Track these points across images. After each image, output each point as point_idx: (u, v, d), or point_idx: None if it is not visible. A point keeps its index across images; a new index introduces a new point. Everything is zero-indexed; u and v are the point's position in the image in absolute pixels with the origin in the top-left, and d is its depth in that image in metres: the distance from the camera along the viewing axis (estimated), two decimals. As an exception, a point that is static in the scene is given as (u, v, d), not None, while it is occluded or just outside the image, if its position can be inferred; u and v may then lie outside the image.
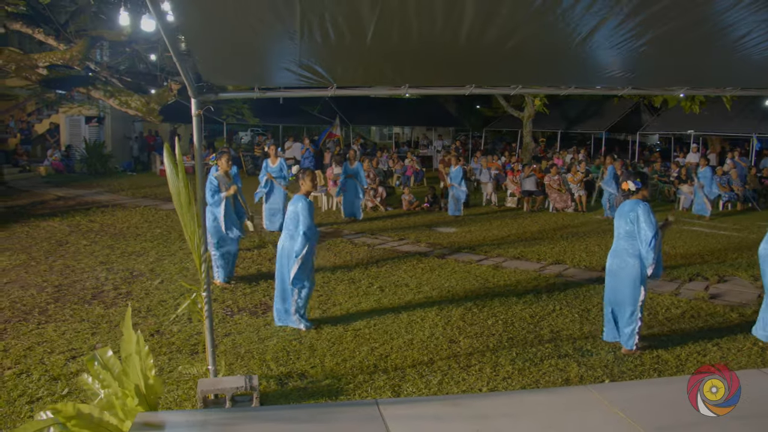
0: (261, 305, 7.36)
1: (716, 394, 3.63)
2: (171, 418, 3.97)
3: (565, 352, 6.06)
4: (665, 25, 3.61)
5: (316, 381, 5.32)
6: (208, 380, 4.73)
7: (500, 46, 3.86)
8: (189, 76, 4.15)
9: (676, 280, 8.84)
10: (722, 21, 3.58)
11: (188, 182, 4.21)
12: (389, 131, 40.41)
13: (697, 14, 3.46)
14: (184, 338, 6.23)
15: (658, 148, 32.23)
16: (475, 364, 5.76)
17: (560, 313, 7.27)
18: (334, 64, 4.17)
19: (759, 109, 23.30)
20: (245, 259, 9.59)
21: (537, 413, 4.07)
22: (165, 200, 15.78)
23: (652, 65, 4.52)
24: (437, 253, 10.45)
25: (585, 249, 10.94)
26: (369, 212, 15.10)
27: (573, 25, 3.58)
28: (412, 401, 4.64)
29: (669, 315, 7.26)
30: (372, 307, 7.40)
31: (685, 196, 16.73)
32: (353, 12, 3.32)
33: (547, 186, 16.18)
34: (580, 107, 28.14)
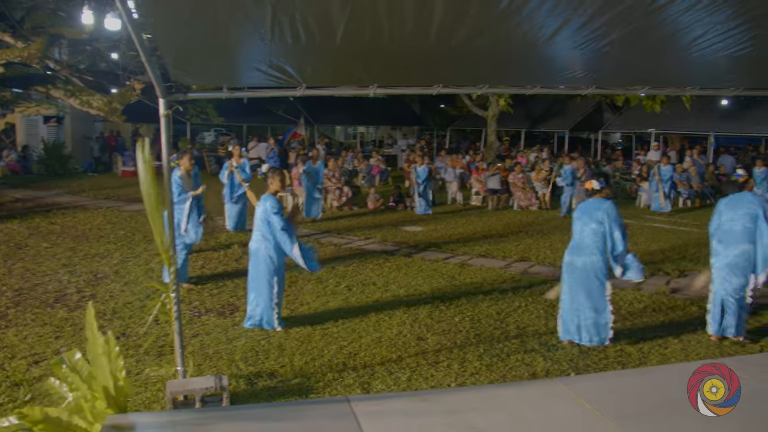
0: (228, 306, 7.32)
1: (716, 394, 3.68)
2: (141, 419, 3.94)
3: (531, 348, 6.17)
4: (627, 27, 3.72)
5: (286, 380, 5.33)
6: (177, 381, 4.70)
7: (468, 46, 3.93)
8: (157, 76, 4.12)
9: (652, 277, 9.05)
10: (680, 22, 3.71)
11: (158, 183, 4.19)
12: (354, 131, 40.43)
13: (657, 16, 3.57)
14: (151, 340, 6.16)
15: (620, 146, 32.90)
16: (443, 360, 5.83)
17: (526, 309, 7.40)
18: (303, 64, 4.19)
19: (716, 109, 24.04)
20: (211, 260, 9.52)
21: (505, 406, 4.16)
22: (128, 201, 15.55)
23: (614, 65, 4.64)
24: (404, 251, 10.52)
25: (549, 246, 11.13)
26: (335, 212, 15.11)
27: (538, 26, 3.67)
28: (383, 397, 4.70)
29: (632, 309, 7.45)
30: (340, 306, 7.42)
31: (647, 194, 17.13)
32: (323, 12, 3.34)
33: (512, 184, 16.40)
34: (543, 106, 28.55)
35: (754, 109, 23.57)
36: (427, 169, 15.12)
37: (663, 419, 4.11)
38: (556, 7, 3.36)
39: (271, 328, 6.48)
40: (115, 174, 22.49)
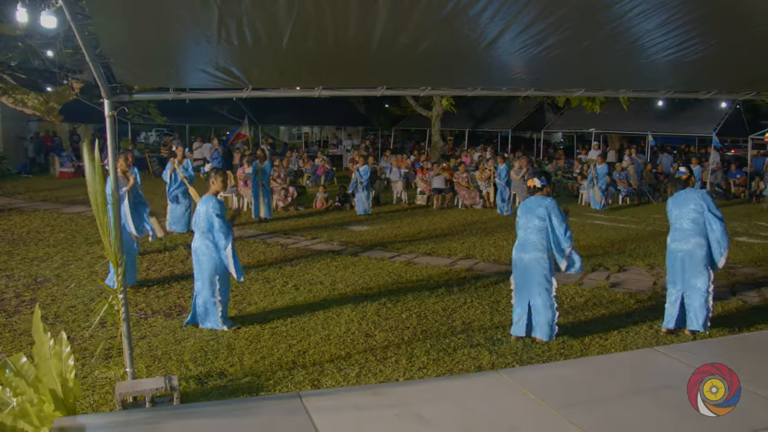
0: (176, 307, 7.28)
1: (716, 394, 3.78)
2: (91, 421, 3.93)
3: (477, 342, 6.36)
4: (565, 32, 3.93)
5: (236, 379, 5.36)
6: (126, 383, 4.68)
7: (411, 50, 4.07)
8: (101, 76, 4.10)
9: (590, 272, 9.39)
10: (615, 28, 3.94)
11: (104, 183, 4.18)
12: (298, 131, 40.23)
13: (593, 22, 3.78)
14: (96, 343, 6.09)
15: (561, 145, 33.83)
16: (391, 356, 5.96)
17: (471, 305, 7.60)
18: (250, 67, 4.25)
19: (653, 110, 25.10)
20: (156, 262, 9.41)
21: (453, 397, 4.31)
22: (67, 203, 15.14)
23: (554, 68, 4.86)
24: (350, 251, 10.61)
25: (493, 244, 11.41)
26: (280, 212, 15.08)
27: (479, 31, 3.83)
28: (334, 392, 4.79)
29: (573, 304, 7.73)
30: (287, 305, 7.47)
31: (587, 192, 17.70)
32: (270, 16, 3.42)
33: (456, 184, 16.69)
34: (486, 106, 29.09)
35: (687, 111, 24.72)
36: (369, 168, 15.24)
37: (605, 406, 4.35)
38: (496, 14, 3.53)
39: (216, 328, 6.49)
40: (52, 175, 21.84)
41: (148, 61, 4.07)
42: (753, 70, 5.30)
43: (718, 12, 3.79)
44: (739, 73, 5.42)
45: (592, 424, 4.07)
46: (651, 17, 3.75)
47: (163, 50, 3.85)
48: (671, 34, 4.06)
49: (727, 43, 4.33)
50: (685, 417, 4.19)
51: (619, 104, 22.66)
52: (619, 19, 3.82)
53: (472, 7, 3.47)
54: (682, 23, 3.88)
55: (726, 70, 5.21)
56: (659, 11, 3.64)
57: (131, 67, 4.12)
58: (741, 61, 4.87)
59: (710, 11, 3.77)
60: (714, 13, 3.79)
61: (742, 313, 7.39)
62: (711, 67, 5.04)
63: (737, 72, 5.37)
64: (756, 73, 5.38)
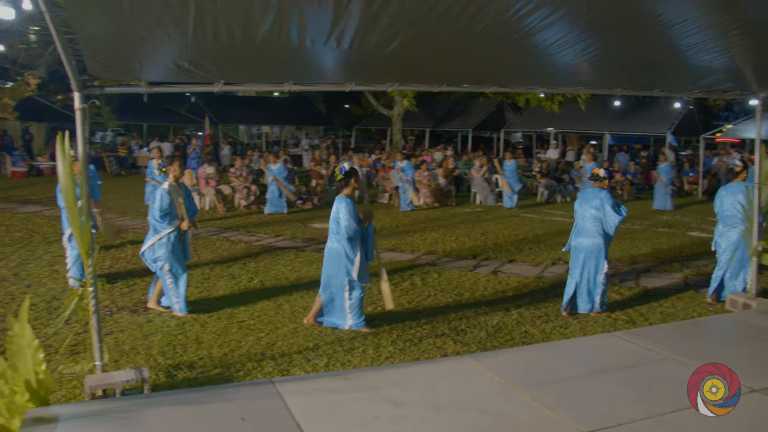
0: (141, 303, 7.26)
1: (716, 394, 3.86)
2: (64, 411, 3.95)
3: (441, 332, 6.52)
4: (520, 32, 4.12)
5: (206, 371, 5.41)
6: (96, 376, 4.69)
7: (380, 51, 4.21)
8: (73, 68, 4.12)
9: (539, 265, 9.65)
10: (570, 33, 4.16)
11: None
12: (258, 131, 40.03)
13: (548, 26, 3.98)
14: (60, 340, 6.04)
15: (520, 145, 34.44)
16: (358, 347, 6.08)
17: (435, 297, 7.77)
18: (223, 62, 4.32)
19: (610, 110, 25.81)
20: (120, 259, 9.34)
21: (423, 381, 4.47)
22: (21, 203, 14.84)
23: (514, 66, 5.06)
24: (314, 247, 10.69)
25: (455, 239, 11.62)
26: (242, 210, 15.06)
27: (447, 32, 3.99)
28: (306, 378, 4.89)
29: (535, 295, 7.96)
30: (254, 300, 7.51)
31: (543, 189, 18.09)
32: (246, 15, 3.51)
33: (418, 182, 16.87)
34: (447, 106, 29.47)
35: (643, 111, 25.55)
36: (283, 167, 15.24)
37: (568, 386, 4.57)
38: (457, 18, 3.70)
39: (174, 310, 6.81)
40: (3, 175, 21.29)
41: (121, 54, 4.10)
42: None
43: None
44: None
45: (556, 401, 4.28)
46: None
47: (137, 43, 3.89)
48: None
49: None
50: (644, 394, 4.44)
51: (577, 104, 23.24)
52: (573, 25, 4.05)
53: (436, 8, 3.62)
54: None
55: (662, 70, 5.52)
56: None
57: (104, 60, 4.15)
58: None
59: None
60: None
61: (693, 301, 7.74)
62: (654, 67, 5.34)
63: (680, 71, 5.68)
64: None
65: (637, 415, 4.15)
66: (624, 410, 4.23)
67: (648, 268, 9.50)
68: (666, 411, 4.20)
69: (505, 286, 8.35)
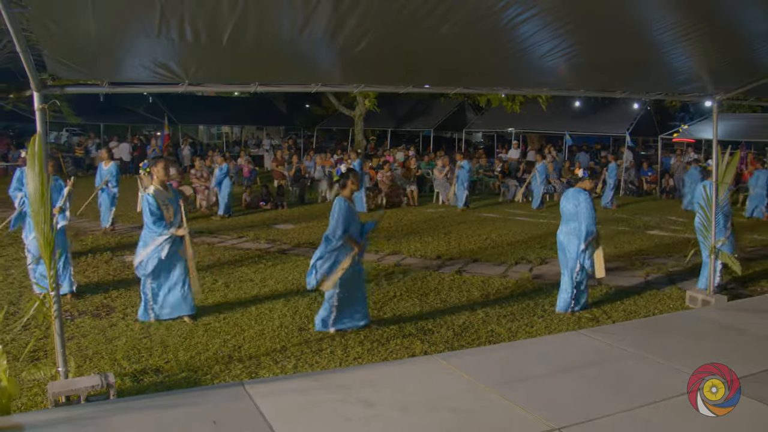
0: (103, 307, 7.12)
1: (716, 394, 3.91)
2: (28, 419, 3.85)
3: (408, 332, 6.55)
4: (488, 36, 4.18)
5: (173, 375, 5.34)
6: (59, 382, 4.59)
7: (348, 52, 4.22)
8: (33, 67, 4.02)
9: (503, 264, 9.77)
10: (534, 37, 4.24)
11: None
12: (218, 131, 39.58)
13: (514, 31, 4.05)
14: (19, 347, 5.89)
15: (481, 145, 34.77)
16: (326, 348, 6.07)
17: (401, 297, 7.80)
18: (188, 63, 4.27)
19: (570, 110, 26.24)
20: (79, 263, 9.13)
21: (393, 381, 4.49)
22: (-27, 206, 14.37)
23: (479, 68, 5.13)
24: (277, 248, 10.63)
25: (419, 240, 11.68)
26: (204, 211, 14.88)
27: (415, 33, 4.02)
28: (276, 380, 4.86)
29: (499, 294, 8.06)
30: (219, 302, 7.45)
31: (508, 189, 18.29)
32: (211, 13, 3.48)
33: (380, 182, 16.92)
34: (409, 106, 29.57)
35: (602, 112, 26.07)
36: (226, 167, 15.12)
37: (536, 384, 4.64)
38: (427, 19, 3.73)
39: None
40: (-49, 178, 20.60)
41: (83, 54, 4.02)
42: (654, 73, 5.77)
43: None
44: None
45: (526, 399, 4.35)
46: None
47: (100, 42, 3.82)
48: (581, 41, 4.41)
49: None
50: (612, 390, 4.55)
51: (538, 105, 23.56)
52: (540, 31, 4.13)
53: (406, 7, 3.65)
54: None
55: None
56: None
57: (65, 60, 4.06)
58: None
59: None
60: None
61: (655, 299, 7.94)
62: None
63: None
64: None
65: (608, 411, 4.25)
66: (594, 406, 4.32)
67: (609, 267, 9.69)
68: (634, 406, 4.31)
69: (470, 286, 8.43)
